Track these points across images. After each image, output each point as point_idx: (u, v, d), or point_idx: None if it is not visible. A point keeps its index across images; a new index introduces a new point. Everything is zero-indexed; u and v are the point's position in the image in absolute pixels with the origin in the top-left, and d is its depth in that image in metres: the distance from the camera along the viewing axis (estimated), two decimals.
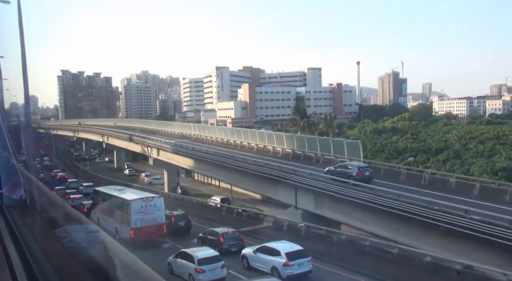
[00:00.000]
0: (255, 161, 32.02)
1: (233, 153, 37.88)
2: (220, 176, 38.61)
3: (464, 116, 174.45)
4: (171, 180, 53.36)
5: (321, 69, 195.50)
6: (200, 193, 53.29)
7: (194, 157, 40.28)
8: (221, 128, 49.96)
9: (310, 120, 71.74)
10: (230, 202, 43.25)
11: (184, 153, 42.37)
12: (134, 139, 56.33)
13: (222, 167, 36.25)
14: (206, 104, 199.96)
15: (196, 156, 39.97)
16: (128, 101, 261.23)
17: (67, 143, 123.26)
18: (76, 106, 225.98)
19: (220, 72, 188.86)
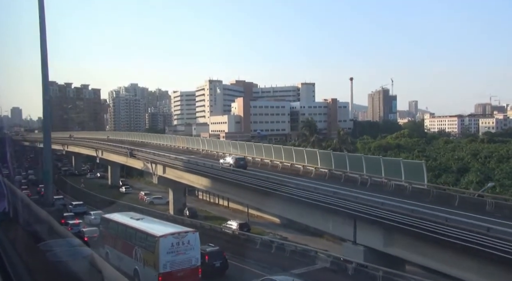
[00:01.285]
0: (297, 184, 26.81)
1: (256, 172, 32.69)
2: (245, 199, 33.09)
3: (455, 134, 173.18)
4: (177, 200, 47.52)
5: (314, 84, 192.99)
6: (209, 216, 47.49)
7: (211, 175, 34.75)
8: (236, 143, 44.62)
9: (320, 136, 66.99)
10: (250, 227, 37.77)
11: (198, 171, 36.80)
12: (136, 154, 50.42)
13: (247, 189, 30.85)
14: (198, 118, 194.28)
15: (214, 175, 34.46)
16: (116, 114, 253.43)
17: (53, 157, 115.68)
18: (62, 119, 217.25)
19: (213, 85, 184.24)
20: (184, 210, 46.93)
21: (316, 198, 24.13)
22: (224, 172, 32.60)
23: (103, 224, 25.51)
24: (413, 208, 20.23)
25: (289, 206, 27.32)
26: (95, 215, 40.91)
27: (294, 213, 27.39)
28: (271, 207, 30.24)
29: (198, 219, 44.76)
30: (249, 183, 30.08)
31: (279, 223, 42.72)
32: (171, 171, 44.19)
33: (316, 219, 26.04)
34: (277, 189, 27.50)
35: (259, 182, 29.32)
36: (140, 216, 23.58)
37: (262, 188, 28.66)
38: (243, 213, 48.70)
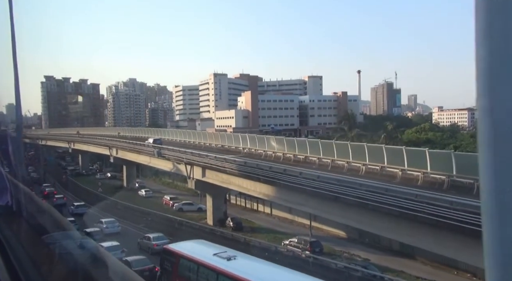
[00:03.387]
0: (400, 192, 18.99)
1: (331, 176, 24.86)
2: (337, 216, 24.73)
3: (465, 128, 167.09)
4: (217, 208, 39.61)
5: (321, 77, 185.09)
6: (255, 227, 39.62)
7: (281, 183, 26.75)
8: (282, 139, 36.59)
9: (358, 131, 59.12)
10: (322, 247, 30.04)
11: (258, 176, 28.81)
12: (165, 154, 42.24)
13: (340, 202, 22.97)
14: (202, 113, 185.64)
15: (285, 182, 26.46)
16: (116, 110, 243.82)
17: (55, 155, 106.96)
18: (61, 114, 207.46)
19: (218, 79, 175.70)
20: (226, 220, 39.06)
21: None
22: (300, 179, 24.65)
23: (166, 257, 17.57)
24: None
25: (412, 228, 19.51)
26: (107, 223, 34.94)
27: (423, 241, 19.51)
28: (385, 229, 22.05)
29: (244, 232, 37.14)
30: (340, 194, 22.18)
31: (345, 237, 35.13)
32: (213, 174, 36.23)
33: (446, 243, 18.38)
34: (385, 202, 19.74)
35: (354, 192, 21.44)
36: (231, 254, 15.66)
37: (365, 202, 20.81)
38: (293, 223, 41.10)
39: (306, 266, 26.28)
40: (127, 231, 35.96)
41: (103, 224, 34.90)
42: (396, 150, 27.19)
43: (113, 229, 34.15)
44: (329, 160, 30.10)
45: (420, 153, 25.08)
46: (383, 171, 26.68)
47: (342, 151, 29.59)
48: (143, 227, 35.93)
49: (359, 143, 33.71)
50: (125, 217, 40.00)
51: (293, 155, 33.95)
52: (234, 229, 37.39)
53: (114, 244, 26.76)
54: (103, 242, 26.03)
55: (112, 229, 34.05)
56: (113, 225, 34.97)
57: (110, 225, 34.68)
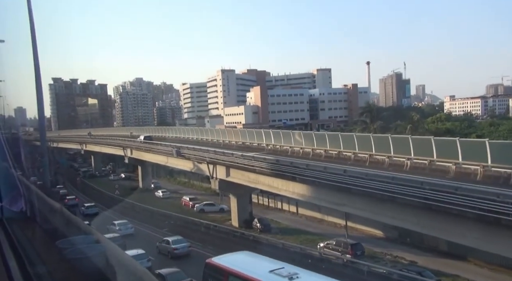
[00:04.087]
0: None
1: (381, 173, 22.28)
2: (391, 219, 21.90)
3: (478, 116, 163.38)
4: (242, 208, 37.25)
5: (330, 70, 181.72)
6: (282, 227, 37.15)
7: (322, 182, 24.20)
8: (310, 134, 33.97)
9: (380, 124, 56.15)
10: (364, 250, 27.54)
11: (293, 175, 26.33)
12: (185, 153, 39.88)
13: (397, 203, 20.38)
14: (211, 110, 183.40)
15: (326, 181, 23.91)
16: (124, 109, 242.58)
17: (66, 157, 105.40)
18: (70, 116, 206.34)
19: (225, 75, 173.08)
20: (252, 221, 36.68)
21: None
22: (345, 178, 22.09)
23: (212, 275, 15.19)
24: None
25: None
26: (120, 225, 33.66)
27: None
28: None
29: (272, 233, 34.75)
30: (398, 194, 19.57)
31: (383, 237, 32.58)
32: (239, 174, 33.84)
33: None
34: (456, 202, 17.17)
35: (415, 192, 18.86)
36: (276, 264, 13.12)
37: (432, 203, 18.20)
38: (322, 222, 38.62)
39: (350, 272, 23.93)
40: (149, 236, 33.78)
41: (115, 226, 33.51)
42: (447, 142, 24.56)
43: (126, 230, 32.93)
44: (366, 155, 27.57)
45: (476, 144, 22.44)
46: (431, 166, 24.08)
47: (380, 145, 27.04)
48: (167, 231, 33.71)
49: (401, 136, 31.14)
50: (146, 220, 37.85)
51: (324, 150, 31.42)
52: (262, 230, 35.04)
53: (140, 253, 24.66)
54: (128, 250, 23.87)
55: (125, 230, 32.83)
56: (126, 227, 33.67)
57: (123, 226, 33.40)
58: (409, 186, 19.24)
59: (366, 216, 23.25)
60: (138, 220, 38.42)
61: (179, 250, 27.52)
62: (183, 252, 27.69)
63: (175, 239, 28.57)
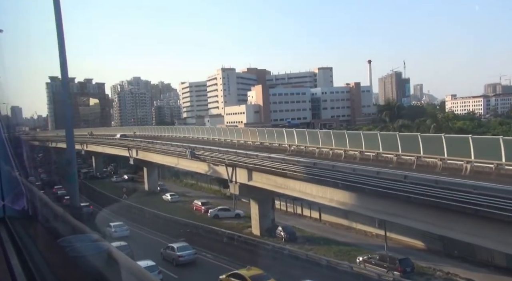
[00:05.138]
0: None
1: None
2: (469, 236, 18.25)
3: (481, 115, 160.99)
4: (264, 215, 33.83)
5: (332, 68, 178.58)
6: (307, 236, 33.73)
7: (367, 188, 20.86)
8: (343, 133, 30.52)
9: (401, 123, 52.94)
10: (414, 265, 24.22)
11: (336, 181, 22.95)
12: (201, 155, 36.35)
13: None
14: (211, 109, 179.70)
15: (374, 188, 20.56)
16: (122, 109, 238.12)
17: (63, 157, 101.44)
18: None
19: (226, 74, 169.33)
20: (275, 229, 33.28)
21: None
22: (407, 185, 18.70)
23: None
24: None
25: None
26: (115, 227, 32.78)
27: None
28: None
29: (299, 243, 31.35)
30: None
31: (424, 248, 29.25)
32: (263, 178, 30.42)
33: None
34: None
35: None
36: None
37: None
38: (350, 230, 35.27)
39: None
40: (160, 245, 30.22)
41: (111, 228, 32.47)
42: (486, 141, 21.35)
43: (122, 232, 32.09)
44: (413, 158, 24.27)
45: None
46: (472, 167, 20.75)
47: (429, 146, 23.77)
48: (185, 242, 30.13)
49: (461, 135, 27.91)
50: (159, 228, 34.28)
51: (359, 152, 28.09)
52: (287, 240, 31.67)
53: (150, 264, 22.03)
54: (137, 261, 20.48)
55: (121, 232, 32.01)
56: (122, 229, 32.77)
57: (118, 228, 32.64)
58: (491, 195, 15.94)
59: (432, 231, 19.93)
60: (150, 228, 34.91)
61: (185, 257, 26.12)
62: (189, 259, 26.21)
63: (180, 246, 27.05)
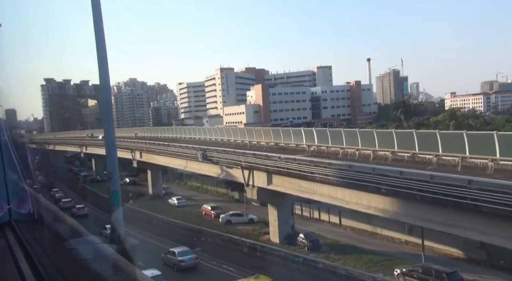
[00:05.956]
0: None
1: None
2: None
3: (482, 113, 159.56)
4: (283, 221, 31.14)
5: (331, 67, 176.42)
6: (330, 243, 31.05)
7: (421, 195, 18.22)
8: (370, 132, 27.90)
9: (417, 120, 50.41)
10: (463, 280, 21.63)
11: (378, 186, 20.30)
12: (214, 157, 33.57)
13: None
14: (209, 110, 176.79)
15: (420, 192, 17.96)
16: (119, 110, 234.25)
17: (62, 159, 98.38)
18: (63, 117, 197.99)
19: (224, 74, 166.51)
20: (295, 236, 30.59)
21: None
22: (471, 191, 16.07)
23: None
24: None
25: None
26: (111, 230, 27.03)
27: None
28: None
29: (323, 252, 28.67)
30: None
31: (463, 257, 26.67)
32: (285, 181, 27.75)
33: None
34: None
35: None
36: None
37: None
38: (375, 236, 32.69)
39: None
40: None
41: (107, 230, 28.60)
42: None
43: None
44: (458, 159, 21.65)
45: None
46: None
47: (475, 145, 21.18)
48: (202, 252, 27.35)
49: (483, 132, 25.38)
50: (171, 236, 31.40)
51: (390, 152, 25.45)
52: (310, 248, 28.98)
53: (156, 274, 21.02)
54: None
55: None
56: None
57: None
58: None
59: (493, 242, 17.31)
60: (160, 236, 32.10)
61: (186, 262, 25.44)
62: (190, 264, 25.49)
63: (181, 251, 26.24)
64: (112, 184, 6.60)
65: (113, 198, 6.50)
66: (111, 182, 6.58)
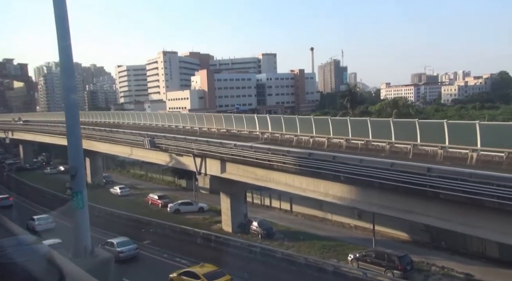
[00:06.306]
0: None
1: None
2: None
3: (413, 102, 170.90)
4: (235, 210, 30.37)
5: (275, 55, 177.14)
6: (283, 230, 30.96)
7: (379, 183, 18.34)
8: (325, 120, 27.83)
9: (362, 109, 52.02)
10: (413, 263, 22.44)
11: (337, 174, 20.19)
12: (163, 144, 31.57)
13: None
14: (151, 94, 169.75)
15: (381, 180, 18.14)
16: (49, 93, 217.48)
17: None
18: None
19: (168, 57, 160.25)
20: (249, 225, 30.01)
21: None
22: (433, 179, 16.36)
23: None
24: None
25: None
26: (39, 220, 31.11)
27: None
28: None
29: (277, 239, 28.52)
30: None
31: (409, 240, 27.90)
32: (239, 169, 26.85)
33: None
34: None
35: None
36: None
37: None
38: (326, 221, 33.21)
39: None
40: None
41: (34, 222, 30.84)
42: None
43: (47, 225, 30.45)
44: (410, 146, 22.26)
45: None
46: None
47: (426, 133, 21.88)
48: (150, 245, 25.73)
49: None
50: (114, 228, 29.15)
51: (344, 140, 25.58)
52: (264, 236, 28.62)
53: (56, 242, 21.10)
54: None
55: (46, 225, 30.39)
56: (46, 222, 31.01)
57: (43, 221, 31.02)
58: None
59: (453, 229, 17.81)
60: (104, 228, 29.63)
61: (125, 253, 24.55)
62: (129, 255, 24.61)
63: (120, 241, 25.43)
64: (77, 183, 5.18)
65: (77, 200, 5.10)
66: (76, 181, 5.16)
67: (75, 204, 5.07)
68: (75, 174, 5.09)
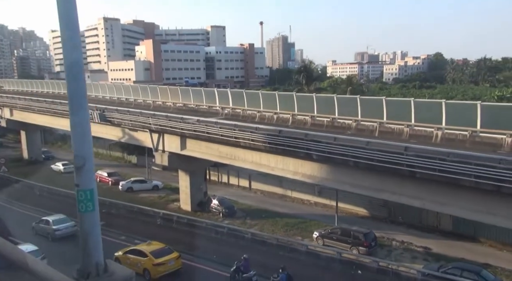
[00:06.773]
0: None
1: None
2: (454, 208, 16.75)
3: (357, 80, 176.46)
4: (195, 187, 28.92)
5: (225, 27, 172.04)
6: (244, 207, 30.21)
7: (353, 162, 17.96)
8: (291, 96, 26.92)
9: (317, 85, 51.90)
10: (376, 239, 22.80)
11: (309, 152, 19.50)
12: (115, 118, 28.72)
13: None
14: (91, 63, 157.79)
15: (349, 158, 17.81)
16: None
17: None
18: None
19: (109, 24, 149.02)
20: (209, 204, 28.81)
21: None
22: (409, 158, 16.18)
23: None
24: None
25: None
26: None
27: None
28: None
29: (238, 218, 27.82)
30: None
31: (368, 215, 28.48)
32: (201, 146, 25.27)
33: None
34: None
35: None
36: None
37: None
38: (285, 198, 32.96)
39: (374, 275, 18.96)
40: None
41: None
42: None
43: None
44: (376, 124, 22.14)
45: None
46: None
47: (392, 112, 21.87)
48: (106, 227, 23.49)
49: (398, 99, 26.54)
50: (60, 209, 26.35)
51: (310, 116, 24.97)
52: (225, 215, 27.68)
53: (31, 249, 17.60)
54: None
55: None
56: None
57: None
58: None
59: (424, 207, 17.96)
60: (48, 209, 26.87)
61: (62, 230, 23.23)
62: (66, 232, 23.11)
63: (56, 219, 24.06)
64: (84, 178, 3.60)
65: (85, 200, 3.56)
66: (83, 175, 3.58)
67: (83, 205, 3.54)
68: (82, 166, 3.51)
